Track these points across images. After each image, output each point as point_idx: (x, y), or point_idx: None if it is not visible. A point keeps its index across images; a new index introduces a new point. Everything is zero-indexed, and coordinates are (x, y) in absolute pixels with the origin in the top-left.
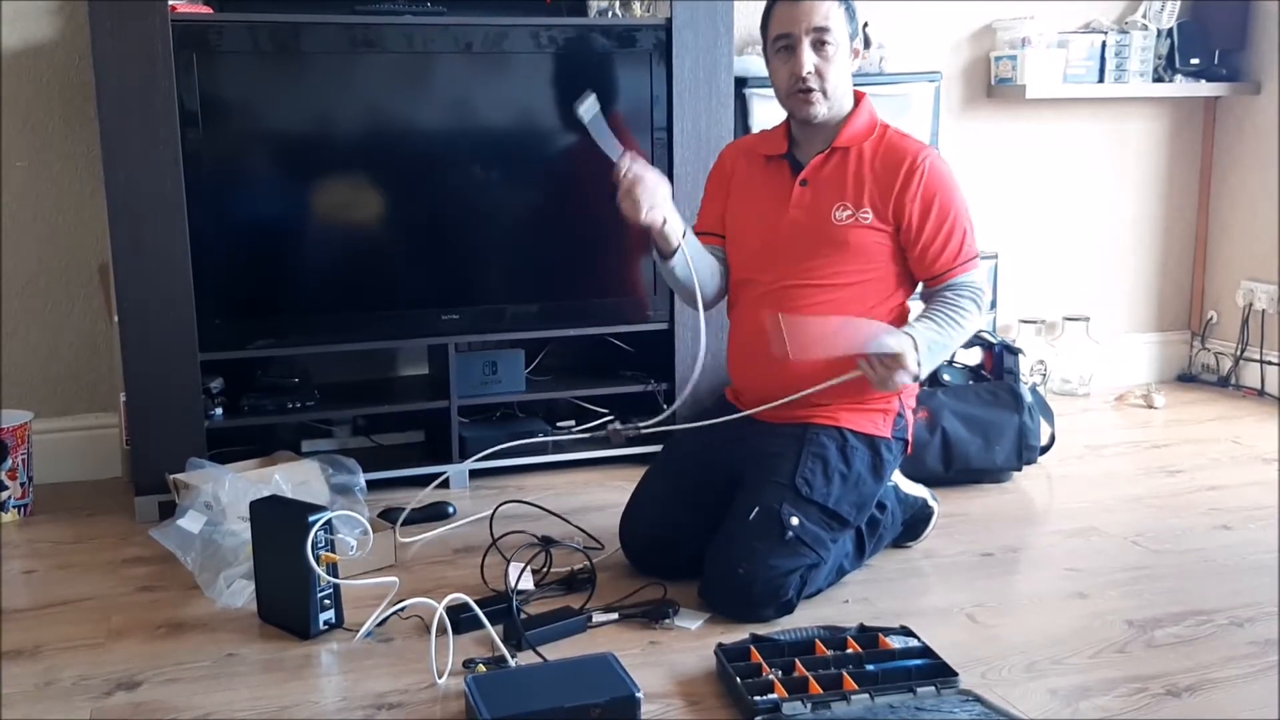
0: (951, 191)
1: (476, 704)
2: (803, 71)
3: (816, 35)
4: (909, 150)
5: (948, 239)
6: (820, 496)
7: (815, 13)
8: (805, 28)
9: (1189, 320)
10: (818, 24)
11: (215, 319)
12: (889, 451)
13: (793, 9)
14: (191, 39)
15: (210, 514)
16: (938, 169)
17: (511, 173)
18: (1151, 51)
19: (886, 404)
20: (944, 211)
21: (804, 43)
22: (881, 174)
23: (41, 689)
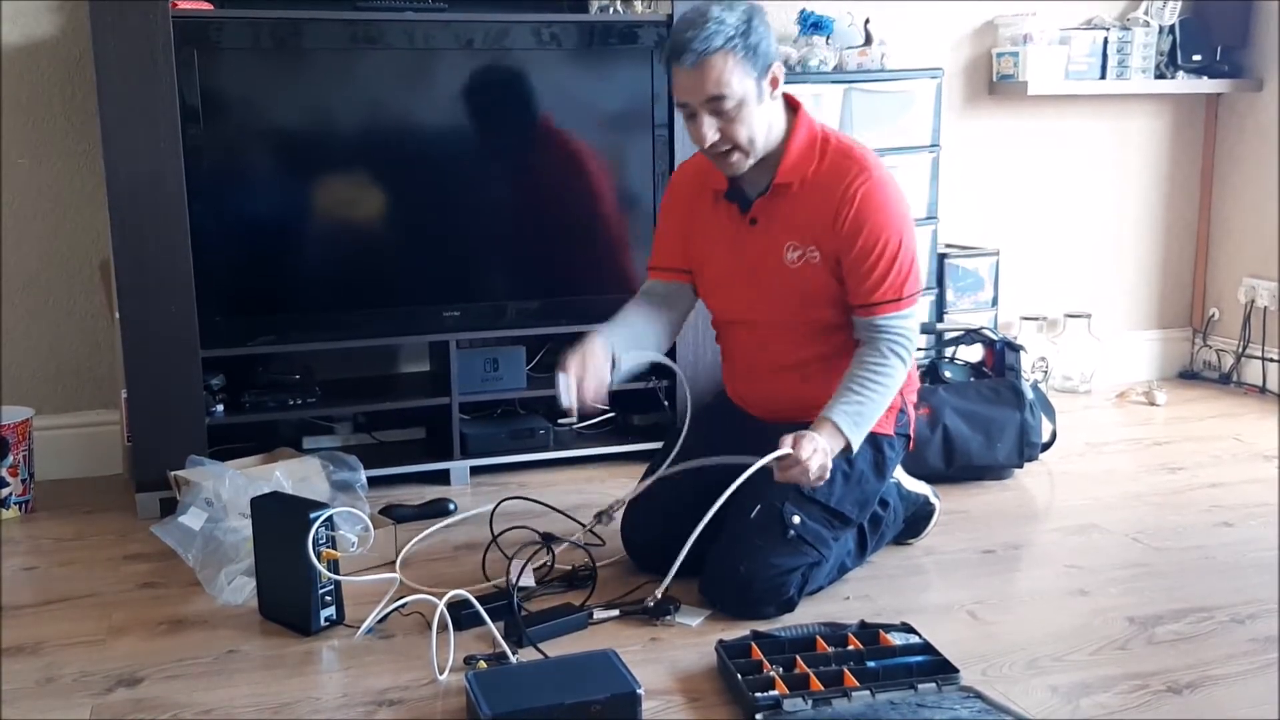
0: (885, 219)
1: (477, 700)
2: (706, 143)
3: (712, 104)
4: (843, 176)
5: (871, 268)
6: (823, 495)
7: (706, 80)
8: (700, 99)
9: (1191, 317)
10: (710, 93)
11: (216, 315)
12: (891, 449)
13: (682, 78)
14: (192, 35)
15: (211, 511)
16: (874, 193)
17: (512, 169)
18: (1154, 48)
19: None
20: (871, 238)
21: (702, 113)
22: (821, 205)
23: (42, 685)
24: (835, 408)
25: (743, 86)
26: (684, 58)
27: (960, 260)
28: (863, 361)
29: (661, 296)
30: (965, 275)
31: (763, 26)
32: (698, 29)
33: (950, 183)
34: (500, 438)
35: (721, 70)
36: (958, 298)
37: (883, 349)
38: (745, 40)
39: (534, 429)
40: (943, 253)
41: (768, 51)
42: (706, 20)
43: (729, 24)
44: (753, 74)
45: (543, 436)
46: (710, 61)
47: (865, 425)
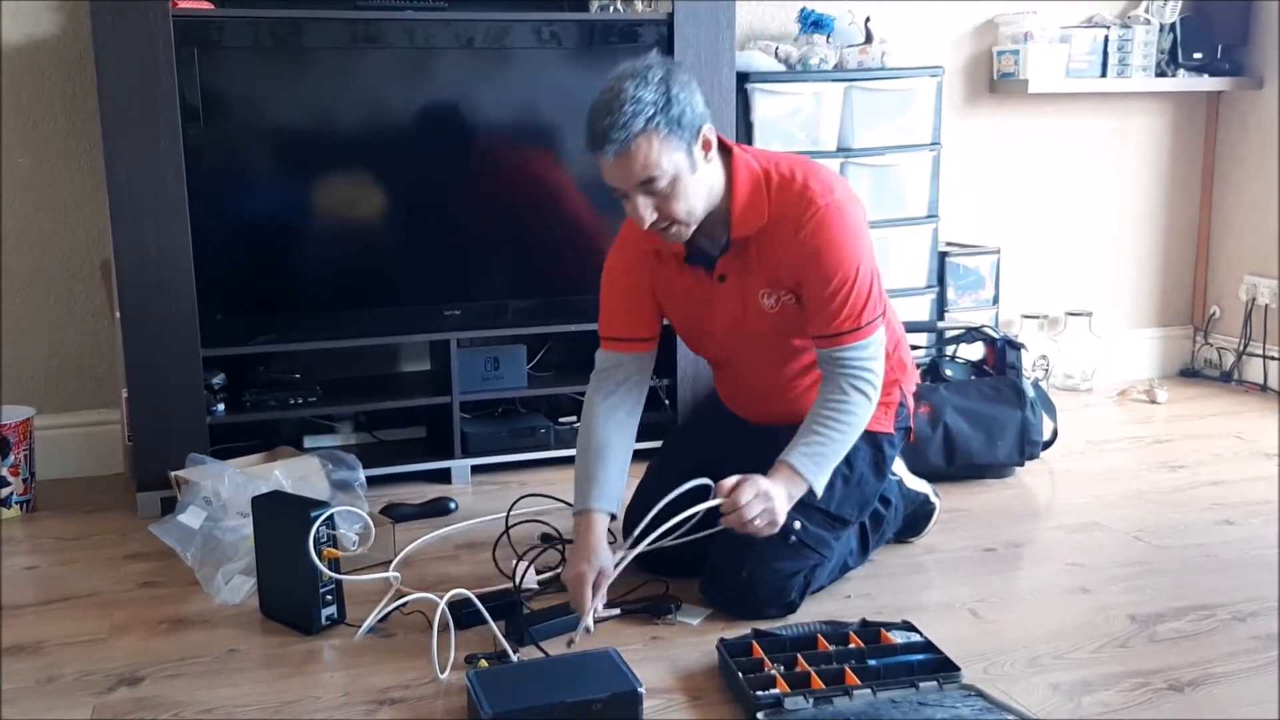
0: (839, 248)
1: (478, 699)
2: (645, 225)
3: (645, 186)
4: (792, 214)
5: (830, 298)
6: (823, 502)
7: (633, 166)
8: (631, 184)
9: (1191, 315)
10: (639, 178)
11: (217, 314)
12: (891, 446)
13: (608, 168)
14: (193, 34)
15: (210, 509)
16: (826, 222)
17: (513, 168)
18: (1154, 46)
19: (888, 397)
20: (827, 268)
21: (635, 196)
22: (780, 249)
23: (43, 684)
24: (794, 450)
25: (673, 163)
26: (605, 149)
27: (961, 258)
28: (825, 400)
29: (628, 387)
30: (966, 273)
31: (684, 91)
32: (614, 114)
33: (951, 181)
34: (501, 437)
35: (647, 153)
36: (959, 296)
37: (844, 385)
38: (667, 115)
39: (535, 428)
40: (944, 251)
41: (694, 118)
42: (622, 103)
43: (646, 101)
44: (681, 147)
45: (543, 435)
46: (635, 147)
47: (828, 465)
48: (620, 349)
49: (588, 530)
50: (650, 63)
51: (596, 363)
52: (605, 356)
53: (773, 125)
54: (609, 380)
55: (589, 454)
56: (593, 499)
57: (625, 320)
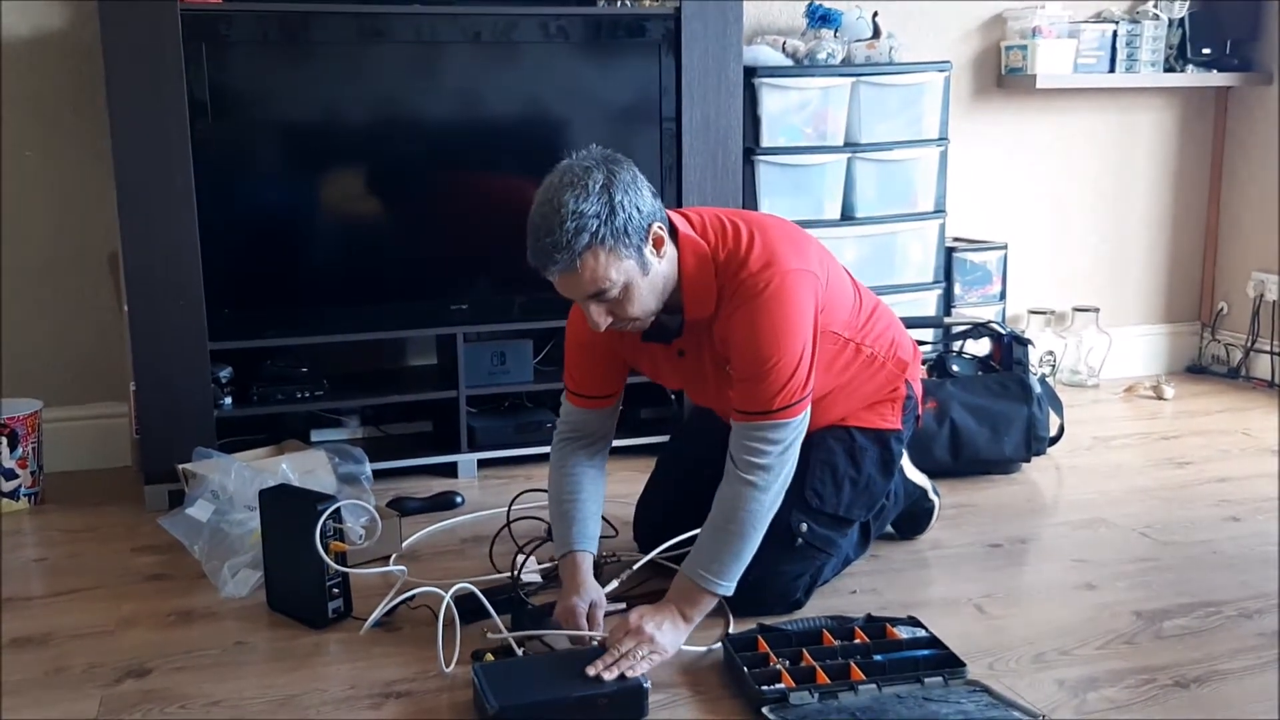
0: (771, 328)
1: (484, 693)
2: (600, 329)
3: (594, 298)
4: (737, 290)
5: (743, 380)
6: (830, 507)
7: (580, 283)
8: (580, 297)
9: (1199, 311)
10: (589, 291)
11: (224, 309)
12: (899, 443)
13: (558, 284)
14: (201, 29)
15: (218, 503)
16: (764, 305)
17: (520, 163)
18: (1163, 41)
19: (893, 393)
20: (746, 353)
21: (588, 306)
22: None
23: (52, 676)
24: (691, 562)
25: (621, 272)
26: (550, 269)
27: (968, 254)
28: (718, 500)
29: (591, 441)
30: (973, 269)
31: (628, 195)
32: (556, 233)
33: (958, 176)
34: (507, 431)
35: (594, 268)
36: (965, 291)
37: (735, 478)
38: (611, 225)
39: (541, 422)
40: (951, 246)
41: (641, 221)
42: (563, 219)
43: (589, 215)
44: (630, 254)
45: (549, 430)
46: (581, 265)
47: (734, 570)
48: (582, 404)
49: (574, 569)
50: (589, 164)
51: (561, 412)
52: (569, 409)
53: (780, 120)
54: (574, 430)
55: (563, 502)
56: (574, 541)
57: (587, 380)
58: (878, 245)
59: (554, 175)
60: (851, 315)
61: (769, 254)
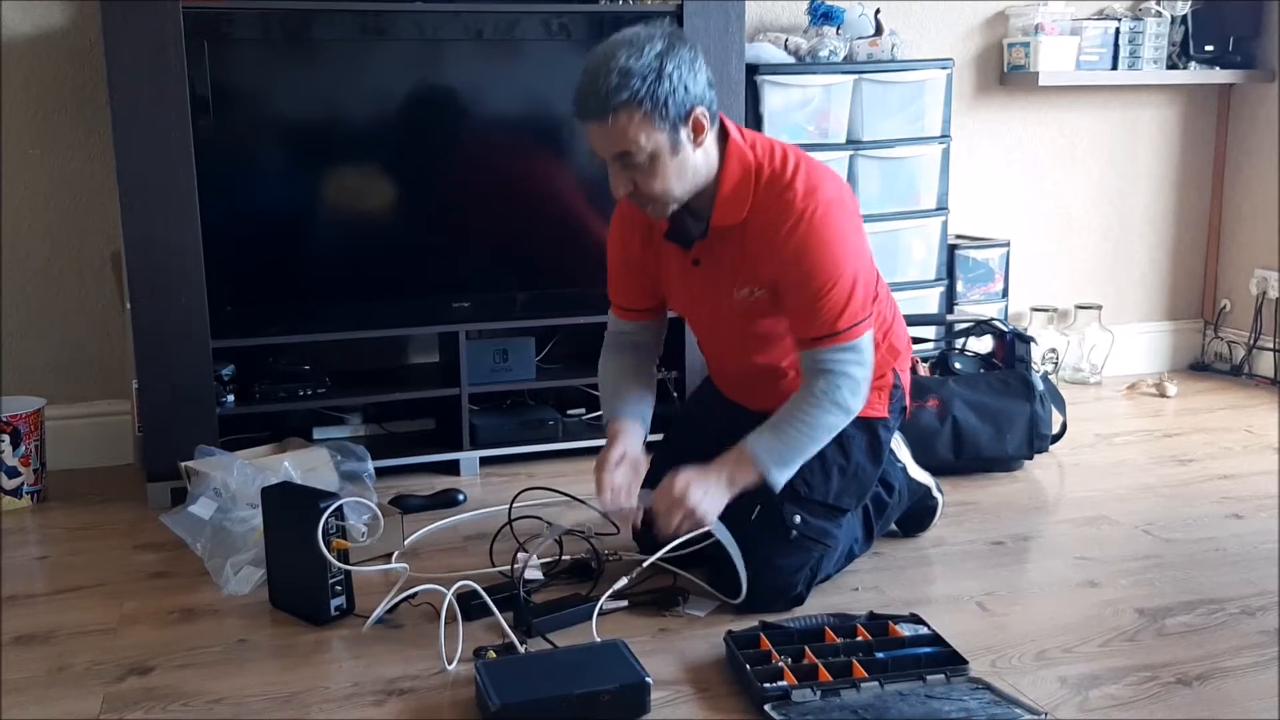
0: (824, 251)
1: (486, 690)
2: (619, 195)
3: (621, 159)
4: (782, 206)
5: (811, 303)
6: (820, 495)
7: (610, 137)
8: (609, 154)
9: (1202, 309)
10: (617, 149)
11: (227, 306)
12: (886, 430)
13: (590, 132)
14: (203, 27)
15: (220, 500)
16: (812, 224)
17: (522, 160)
18: (1165, 38)
19: (880, 380)
20: (811, 273)
21: (613, 166)
22: (760, 241)
23: (54, 674)
24: (756, 437)
25: (651, 141)
26: (584, 113)
27: (970, 251)
28: (798, 399)
29: (636, 346)
30: (975, 266)
31: (680, 70)
32: (599, 82)
33: (960, 174)
34: (510, 428)
35: (626, 127)
36: (968, 289)
37: (818, 390)
38: (653, 93)
39: (543, 420)
40: (953, 244)
41: (684, 99)
42: (610, 71)
43: (635, 74)
44: (664, 127)
45: (552, 427)
46: (615, 119)
47: (790, 461)
48: (624, 316)
49: (615, 433)
50: (653, 33)
51: (608, 323)
52: (614, 320)
53: (782, 117)
54: (620, 336)
55: (614, 385)
56: (619, 410)
57: (623, 291)
58: (880, 243)
59: (620, 33)
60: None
61: (813, 183)
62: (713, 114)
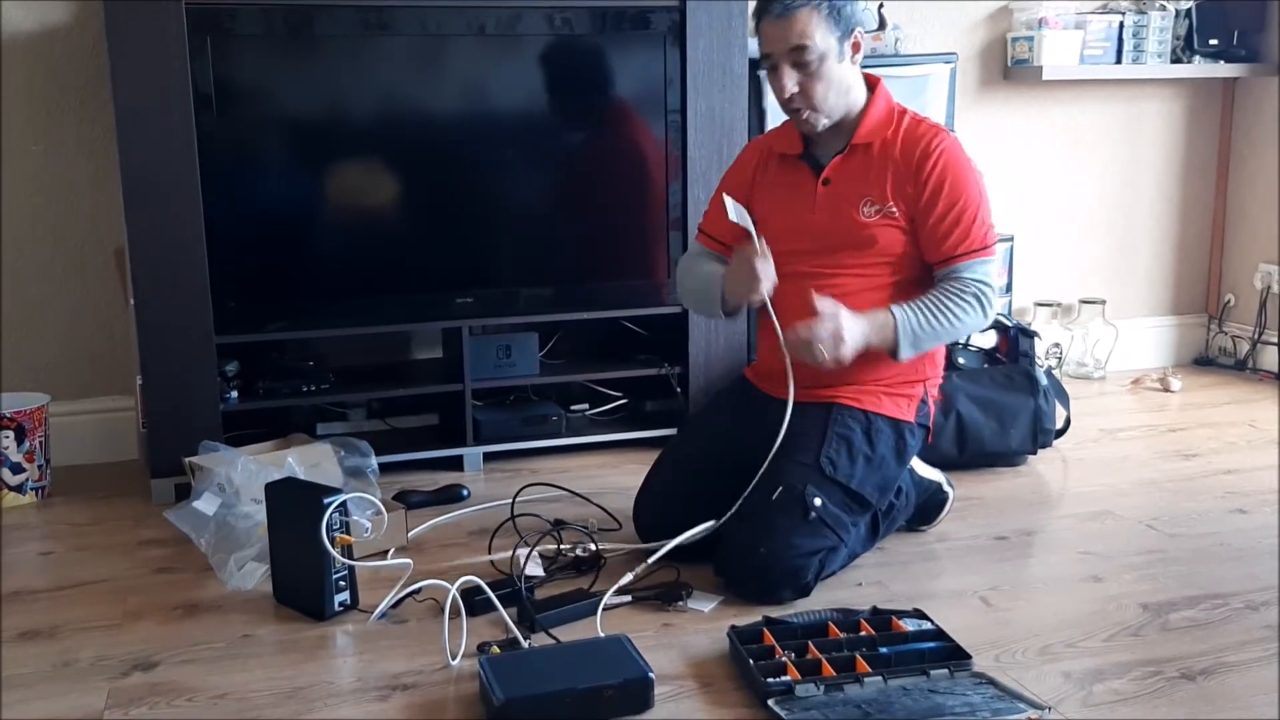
0: (965, 175)
1: (490, 685)
2: (785, 95)
3: (794, 55)
4: (924, 135)
5: (955, 221)
6: (844, 477)
7: (790, 31)
8: (782, 49)
9: (1206, 303)
10: (793, 43)
11: (230, 302)
12: (912, 436)
13: (769, 29)
14: (205, 23)
15: (224, 496)
16: (953, 153)
17: (525, 156)
18: (1169, 32)
19: (911, 389)
20: (955, 194)
21: (784, 64)
22: (901, 164)
23: (59, 669)
24: (903, 307)
25: (824, 42)
26: (772, 7)
27: None
28: (943, 288)
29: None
30: None
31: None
32: None
33: None
34: (513, 424)
35: (806, 24)
36: None
37: (961, 288)
38: (833, 1)
39: (546, 415)
40: None
41: (851, 16)
42: None
43: None
44: (835, 33)
45: (555, 423)
46: (796, 15)
47: (921, 330)
48: (708, 244)
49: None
50: None
51: (690, 246)
52: (696, 245)
53: None
54: (700, 255)
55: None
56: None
57: (716, 225)
58: None
59: None
60: None
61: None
62: (866, 44)
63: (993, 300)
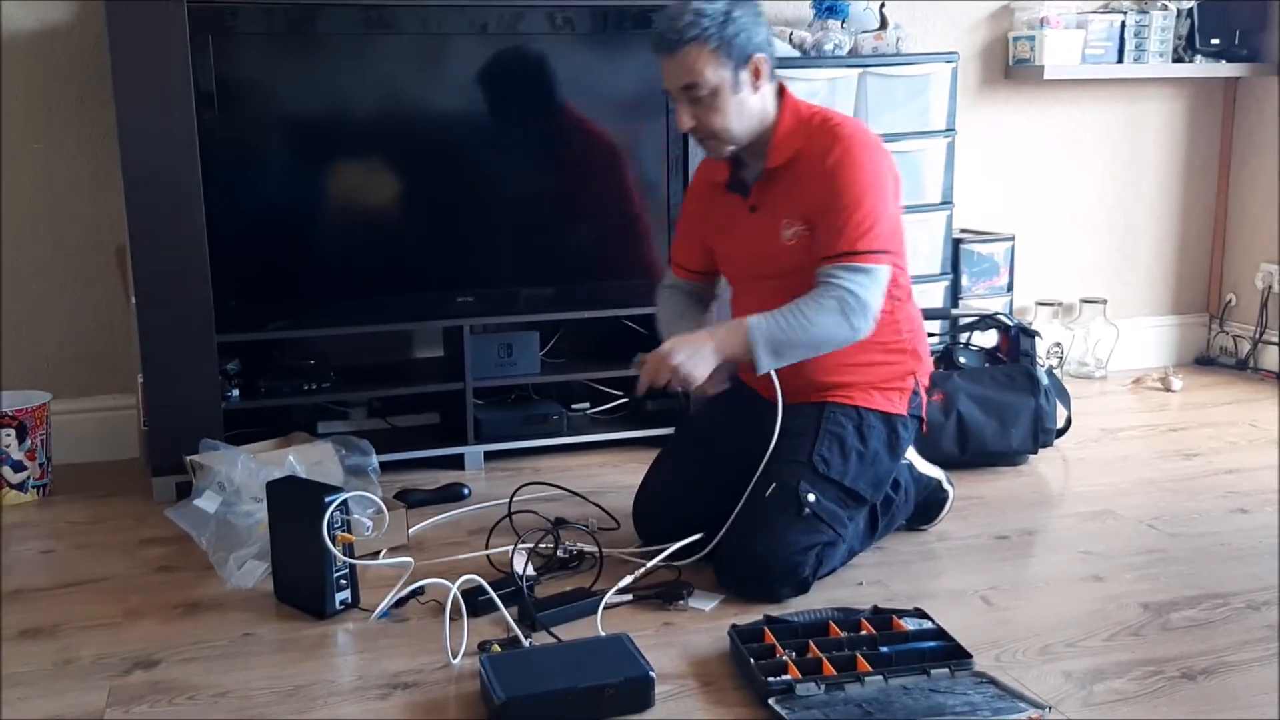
0: (857, 174)
1: (491, 684)
2: (683, 128)
3: (688, 91)
4: (827, 134)
5: (836, 221)
6: (838, 474)
7: (680, 68)
8: (675, 85)
9: (1207, 303)
10: (683, 81)
11: (231, 301)
12: (905, 429)
13: (662, 65)
14: (207, 21)
15: (225, 494)
16: (851, 150)
17: (526, 155)
18: (1171, 31)
19: (903, 382)
20: (841, 193)
21: (680, 99)
22: (809, 177)
23: (60, 667)
24: (762, 315)
25: (716, 76)
26: (660, 47)
27: (976, 245)
28: (801, 299)
29: (689, 292)
30: (981, 260)
31: (746, 17)
32: (676, 19)
33: (966, 167)
34: (514, 423)
35: (694, 61)
36: (973, 283)
37: (822, 295)
38: (722, 32)
39: (547, 414)
40: (958, 238)
41: (746, 44)
42: (685, 11)
43: (707, 15)
44: (727, 65)
45: (556, 422)
46: (684, 52)
47: (780, 353)
48: (680, 273)
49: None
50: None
51: (665, 276)
52: (669, 275)
53: None
54: (671, 291)
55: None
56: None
57: (681, 247)
58: None
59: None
60: (903, 262)
61: (859, 126)
62: (771, 67)
63: (861, 311)
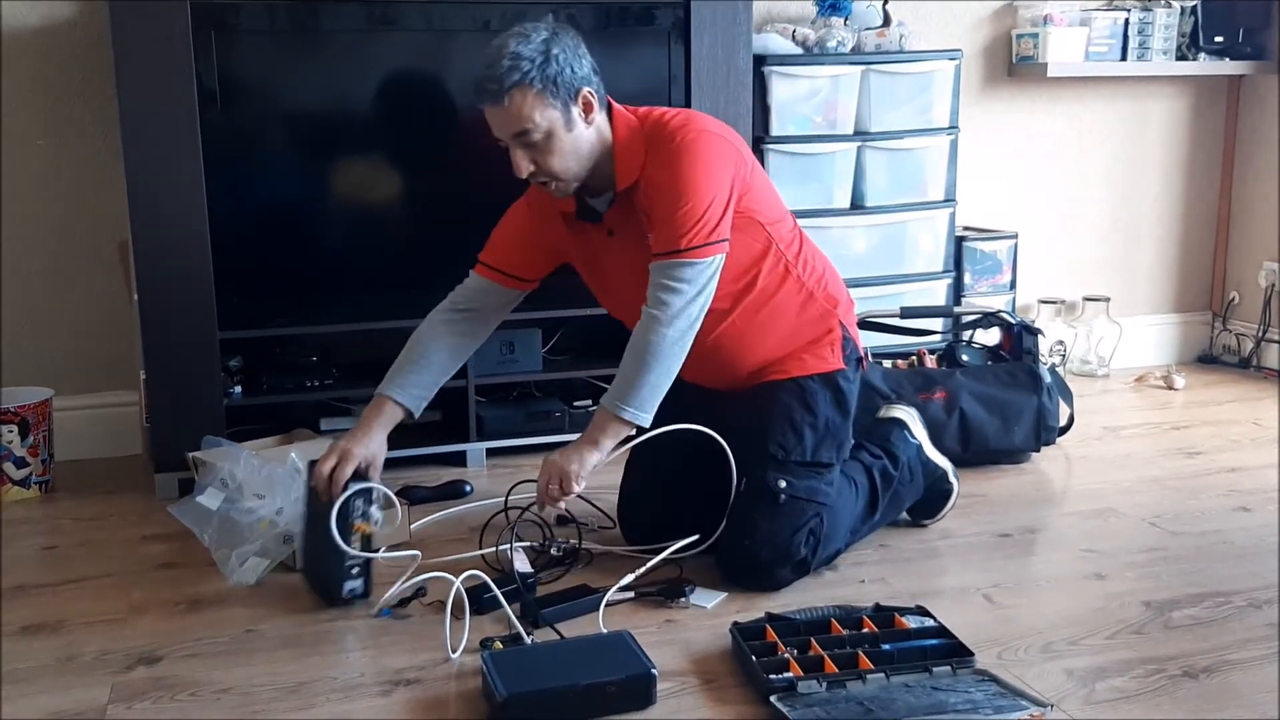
0: (685, 167)
1: (493, 680)
2: (521, 175)
3: (520, 139)
4: (664, 138)
5: (663, 220)
6: (798, 456)
7: (507, 118)
8: (506, 134)
9: (1210, 301)
10: (514, 129)
11: (234, 297)
12: (847, 380)
13: (489, 116)
14: (210, 18)
15: (227, 491)
16: (683, 148)
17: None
18: (1175, 29)
19: (829, 335)
20: (668, 192)
21: (514, 147)
22: (653, 187)
23: (63, 663)
24: (609, 390)
25: (546, 118)
26: (482, 98)
27: (978, 243)
28: (633, 336)
29: (477, 311)
30: (983, 258)
31: (565, 53)
32: (494, 67)
33: (969, 165)
34: (516, 420)
35: (520, 107)
36: (975, 281)
37: (645, 314)
38: (543, 73)
39: (549, 411)
40: (961, 235)
41: (572, 79)
42: (502, 57)
43: (524, 57)
44: (556, 104)
45: (558, 419)
46: (509, 100)
47: (644, 399)
48: (494, 278)
49: (375, 413)
50: (541, 25)
51: (465, 281)
52: (475, 279)
53: (790, 108)
54: (461, 301)
55: (412, 353)
56: (396, 388)
57: (514, 255)
58: (887, 234)
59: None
60: (781, 224)
61: (688, 118)
62: (600, 96)
63: (674, 302)
